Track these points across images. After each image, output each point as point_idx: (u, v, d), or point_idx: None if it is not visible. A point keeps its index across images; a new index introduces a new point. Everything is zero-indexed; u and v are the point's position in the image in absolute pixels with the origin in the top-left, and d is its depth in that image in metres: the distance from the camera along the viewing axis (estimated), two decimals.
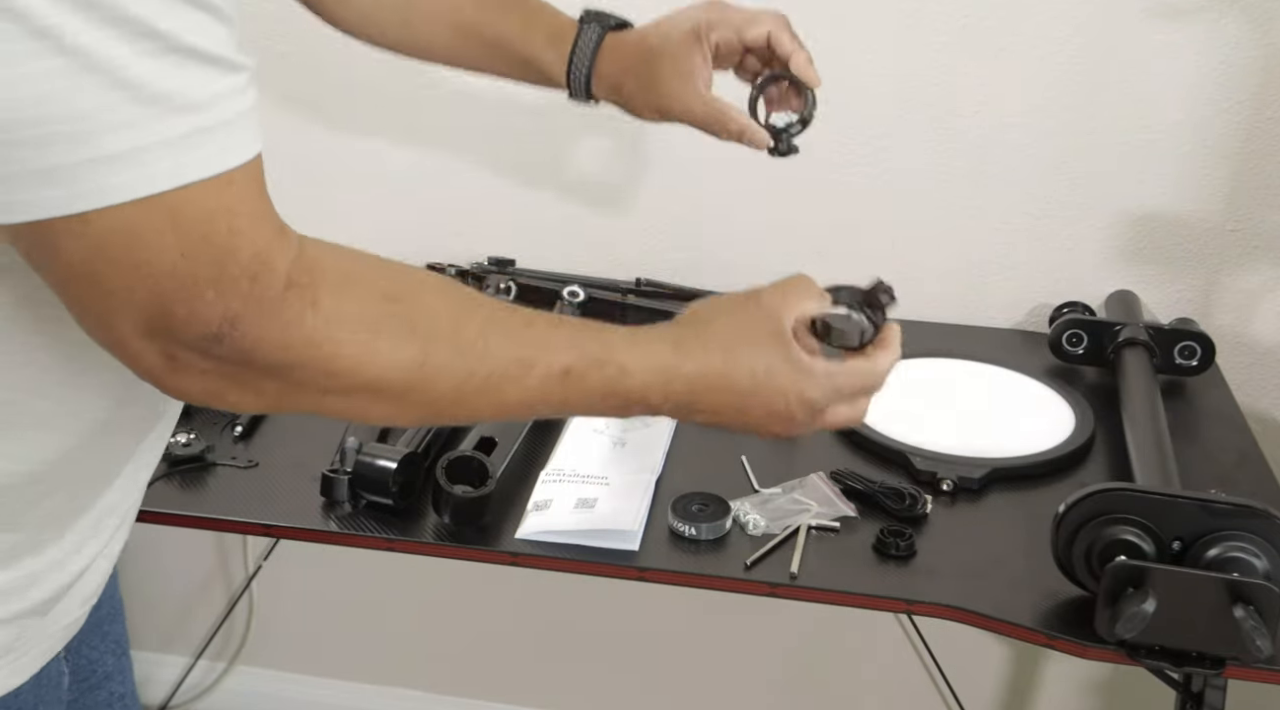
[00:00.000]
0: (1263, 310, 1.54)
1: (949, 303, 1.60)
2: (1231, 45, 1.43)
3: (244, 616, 2.00)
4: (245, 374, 0.66)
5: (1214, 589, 0.95)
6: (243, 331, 0.64)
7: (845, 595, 1.08)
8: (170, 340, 0.64)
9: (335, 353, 0.67)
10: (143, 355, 0.65)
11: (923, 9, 1.47)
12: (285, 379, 0.67)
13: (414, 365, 0.70)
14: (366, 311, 0.69)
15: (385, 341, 0.69)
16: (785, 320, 0.83)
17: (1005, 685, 1.82)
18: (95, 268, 0.61)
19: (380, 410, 0.72)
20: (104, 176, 0.58)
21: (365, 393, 0.70)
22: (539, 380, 0.75)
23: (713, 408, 0.82)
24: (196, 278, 0.62)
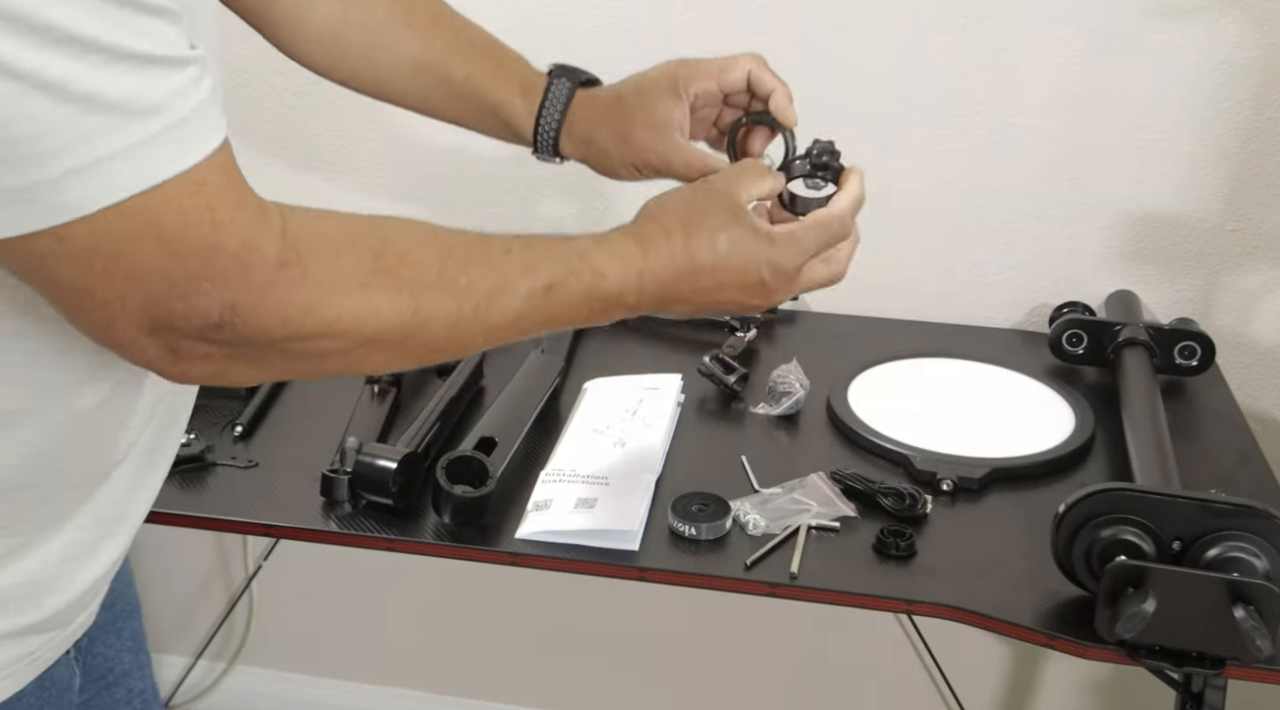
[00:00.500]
0: (1263, 310, 1.54)
1: (949, 303, 1.60)
2: (1231, 45, 1.43)
3: (244, 616, 2.00)
4: (248, 352, 0.68)
5: (1214, 589, 0.95)
6: (243, 317, 0.66)
7: (845, 595, 1.08)
8: (173, 334, 0.65)
9: (336, 315, 0.69)
10: (146, 350, 0.66)
11: (923, 9, 1.47)
12: (288, 350, 0.69)
13: (409, 313, 0.72)
14: (357, 271, 0.71)
15: (379, 296, 0.71)
16: (739, 196, 0.85)
17: (1005, 685, 1.82)
18: (83, 281, 0.62)
19: (380, 359, 0.75)
20: (70, 190, 0.59)
21: (365, 346, 0.72)
22: (524, 300, 0.78)
23: (687, 293, 0.84)
24: (189, 274, 0.63)
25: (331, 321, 0.69)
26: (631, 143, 1.01)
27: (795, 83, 1.54)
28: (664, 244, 0.83)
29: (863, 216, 1.57)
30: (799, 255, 0.86)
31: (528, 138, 1.05)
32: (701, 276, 0.84)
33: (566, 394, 1.34)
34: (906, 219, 1.57)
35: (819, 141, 0.93)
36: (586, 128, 1.03)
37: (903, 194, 1.56)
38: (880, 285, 1.61)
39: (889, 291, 1.61)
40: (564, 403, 1.33)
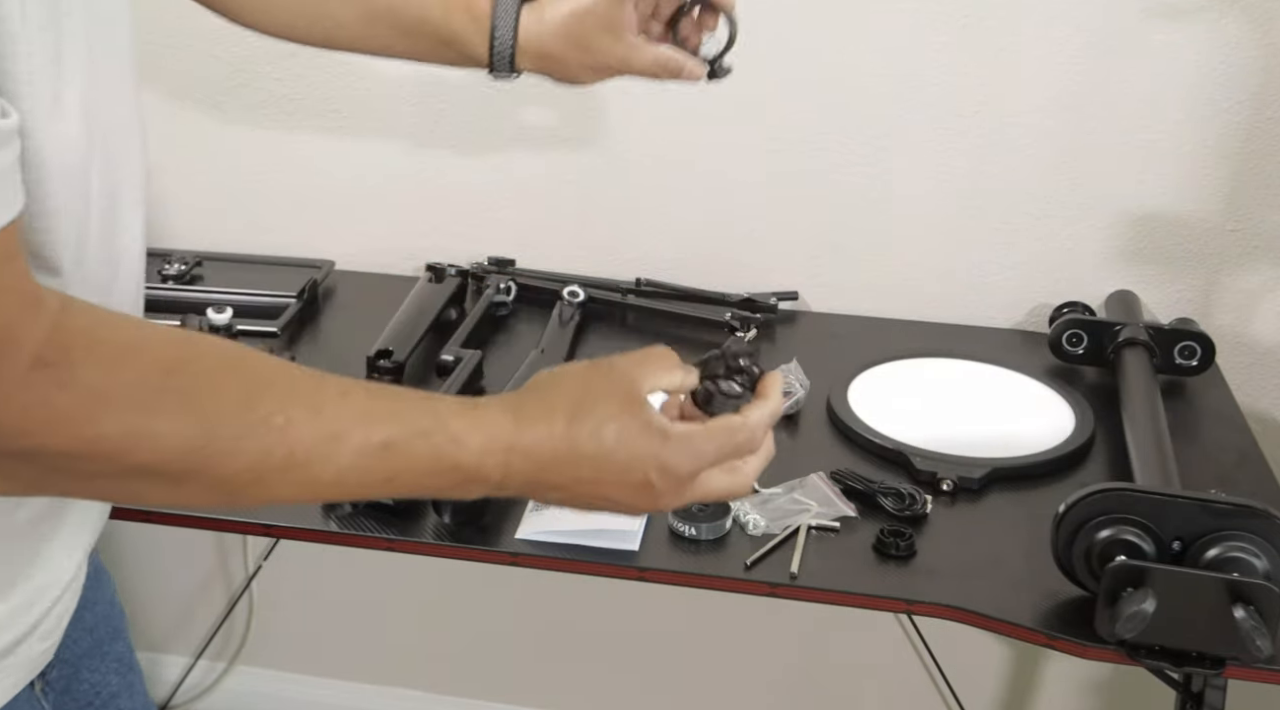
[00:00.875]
0: (1263, 310, 1.54)
1: (949, 303, 1.60)
2: (1231, 45, 1.43)
3: (244, 616, 2.00)
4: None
5: (1214, 589, 0.95)
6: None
7: (845, 595, 1.08)
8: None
9: (96, 434, 0.60)
10: None
11: (923, 9, 1.47)
12: (37, 463, 0.61)
13: (195, 447, 0.63)
14: (138, 388, 0.62)
15: (161, 421, 0.62)
16: (640, 385, 0.75)
17: (1005, 685, 1.82)
18: None
19: (159, 493, 0.65)
20: None
21: (137, 476, 0.63)
22: (354, 456, 0.67)
23: (562, 482, 0.73)
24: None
25: (92, 439, 0.60)
26: (591, 49, 1.03)
27: (795, 83, 1.54)
28: (544, 423, 0.72)
29: (863, 216, 1.58)
30: (694, 460, 0.75)
31: (483, 62, 1.04)
32: (582, 466, 0.73)
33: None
34: (906, 219, 1.57)
35: (734, 343, 0.82)
36: (540, 42, 1.03)
37: (903, 194, 1.56)
38: (880, 285, 1.61)
39: (889, 291, 1.61)
40: None
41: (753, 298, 1.55)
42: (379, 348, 1.33)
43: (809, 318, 1.60)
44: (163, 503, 0.66)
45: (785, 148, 1.57)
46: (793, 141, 1.56)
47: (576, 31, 1.03)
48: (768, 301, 1.56)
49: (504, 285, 1.54)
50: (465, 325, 1.44)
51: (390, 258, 1.66)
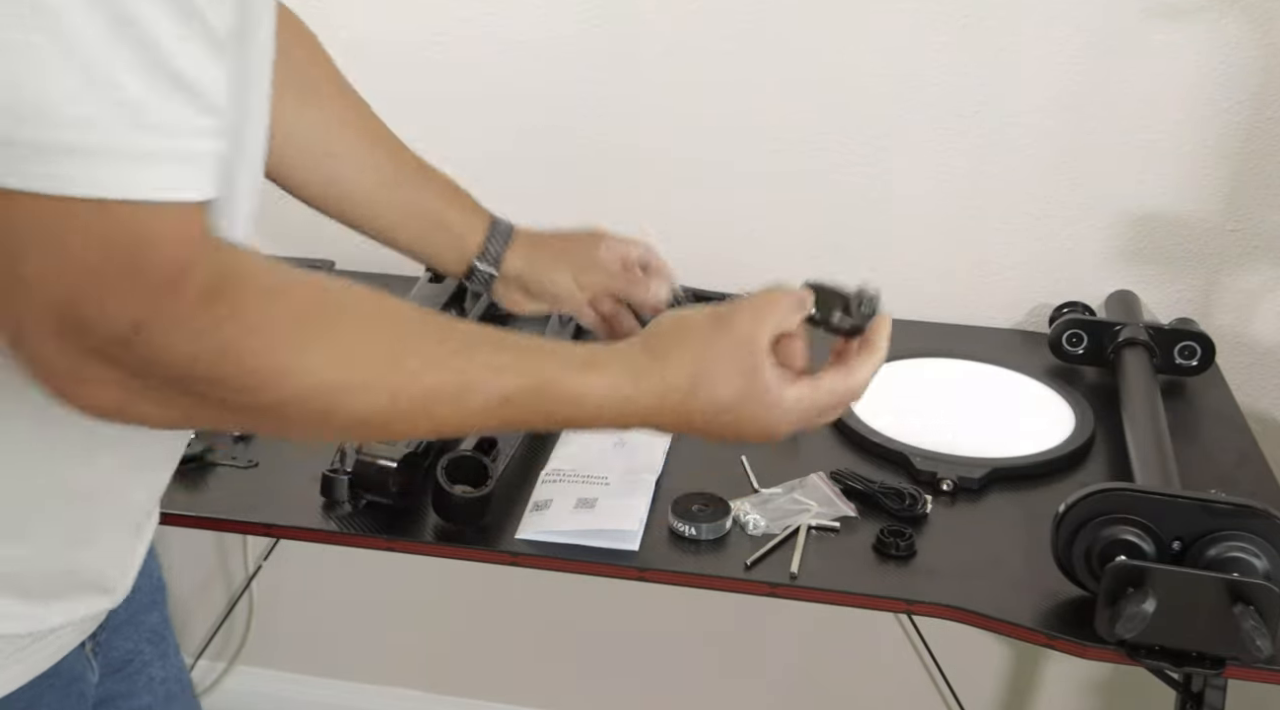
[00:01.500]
0: (1263, 310, 1.54)
1: (949, 303, 1.60)
2: (1231, 45, 1.43)
3: (244, 616, 2.00)
4: (154, 386, 0.64)
5: (1214, 589, 0.95)
6: (150, 338, 0.62)
7: (845, 595, 1.08)
8: (78, 343, 0.62)
9: (255, 365, 0.65)
10: (48, 359, 0.63)
11: (922, 9, 1.48)
12: (195, 392, 0.65)
13: (337, 385, 0.68)
14: (293, 324, 0.67)
15: (311, 356, 0.67)
16: (759, 344, 0.81)
17: (1005, 685, 1.82)
18: (17, 250, 0.60)
19: (298, 424, 0.70)
20: (51, 163, 0.58)
21: (283, 408, 0.67)
22: (477, 406, 0.73)
23: (674, 429, 0.83)
24: (111, 280, 0.61)
25: (251, 370, 0.65)
26: (586, 276, 1.15)
27: (795, 83, 1.54)
28: (661, 389, 0.80)
29: (863, 216, 1.58)
30: (802, 419, 0.84)
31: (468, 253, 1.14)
32: (694, 421, 0.82)
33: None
34: (906, 219, 1.57)
35: (864, 292, 0.92)
36: (533, 269, 1.15)
37: (903, 194, 1.56)
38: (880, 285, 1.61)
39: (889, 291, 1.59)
40: None
41: None
42: None
43: None
44: (296, 436, 0.72)
45: (785, 148, 1.57)
46: (793, 141, 1.56)
47: (577, 258, 1.17)
48: None
49: None
50: None
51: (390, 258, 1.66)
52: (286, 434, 0.72)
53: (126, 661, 0.97)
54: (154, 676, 1.00)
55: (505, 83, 1.50)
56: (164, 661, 1.02)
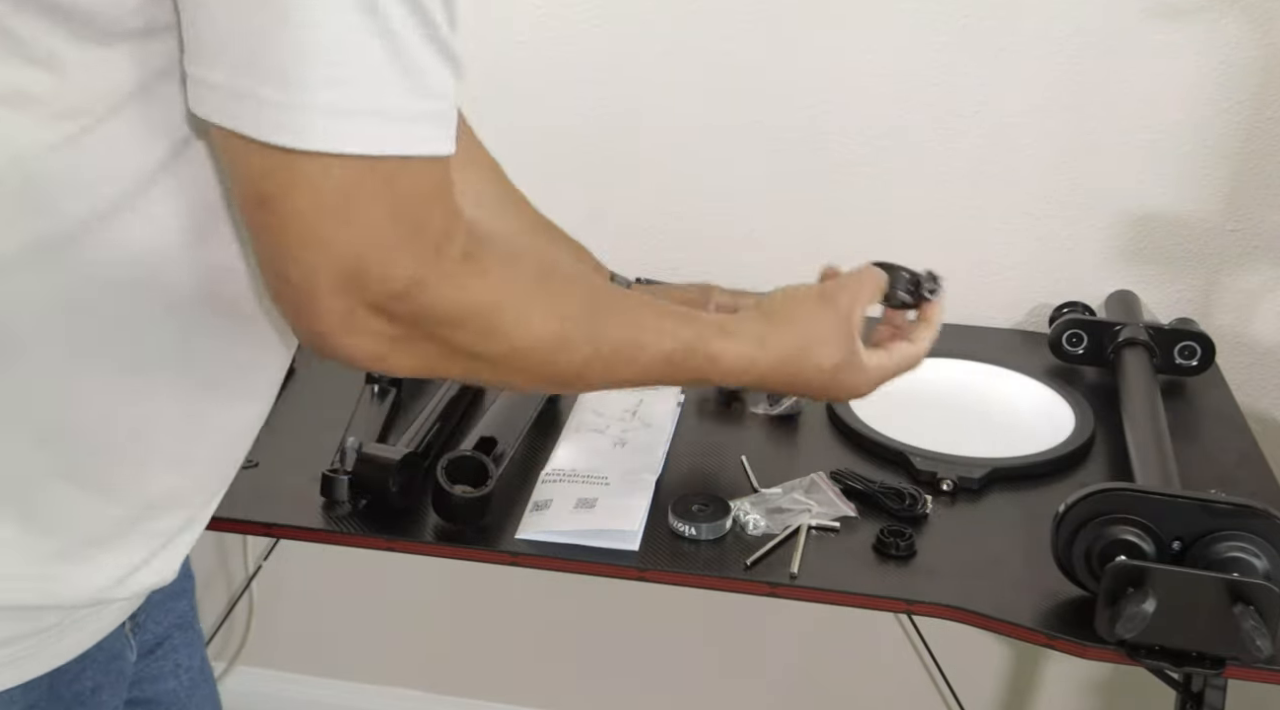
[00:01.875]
0: (1263, 310, 1.54)
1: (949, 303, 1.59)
2: (1231, 45, 1.43)
3: (244, 616, 2.00)
4: (414, 337, 0.71)
5: (1214, 589, 0.95)
6: (424, 294, 0.70)
7: (845, 595, 1.08)
8: (359, 297, 0.68)
9: (498, 318, 0.74)
10: (326, 312, 0.68)
11: (923, 9, 1.48)
12: (445, 342, 0.73)
13: (554, 338, 0.78)
14: (523, 285, 0.76)
15: (537, 313, 0.76)
16: (855, 319, 0.99)
17: (1005, 685, 1.83)
18: (313, 216, 0.65)
19: (519, 370, 0.78)
20: (347, 124, 0.63)
21: (513, 358, 0.77)
22: (646, 363, 0.85)
23: (782, 386, 0.97)
24: (397, 240, 0.68)
25: (493, 323, 0.74)
26: None
27: (795, 83, 1.54)
28: (782, 353, 0.95)
29: (863, 216, 1.58)
30: (880, 379, 1.02)
31: None
32: (797, 383, 0.97)
33: (566, 394, 1.34)
34: (906, 219, 1.57)
35: (930, 272, 1.12)
36: None
37: (903, 194, 1.56)
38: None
39: None
40: (564, 403, 1.33)
41: None
42: None
43: None
44: (516, 380, 0.80)
45: (785, 148, 1.57)
46: (793, 141, 1.56)
47: None
48: None
49: None
50: None
51: None
52: (508, 379, 0.80)
53: (157, 645, 0.99)
54: (180, 663, 1.02)
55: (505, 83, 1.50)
56: (191, 649, 1.04)
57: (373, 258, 0.67)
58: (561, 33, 1.55)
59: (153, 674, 0.99)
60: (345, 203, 0.65)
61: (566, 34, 1.55)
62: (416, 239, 0.68)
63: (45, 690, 0.80)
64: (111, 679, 0.87)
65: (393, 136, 0.65)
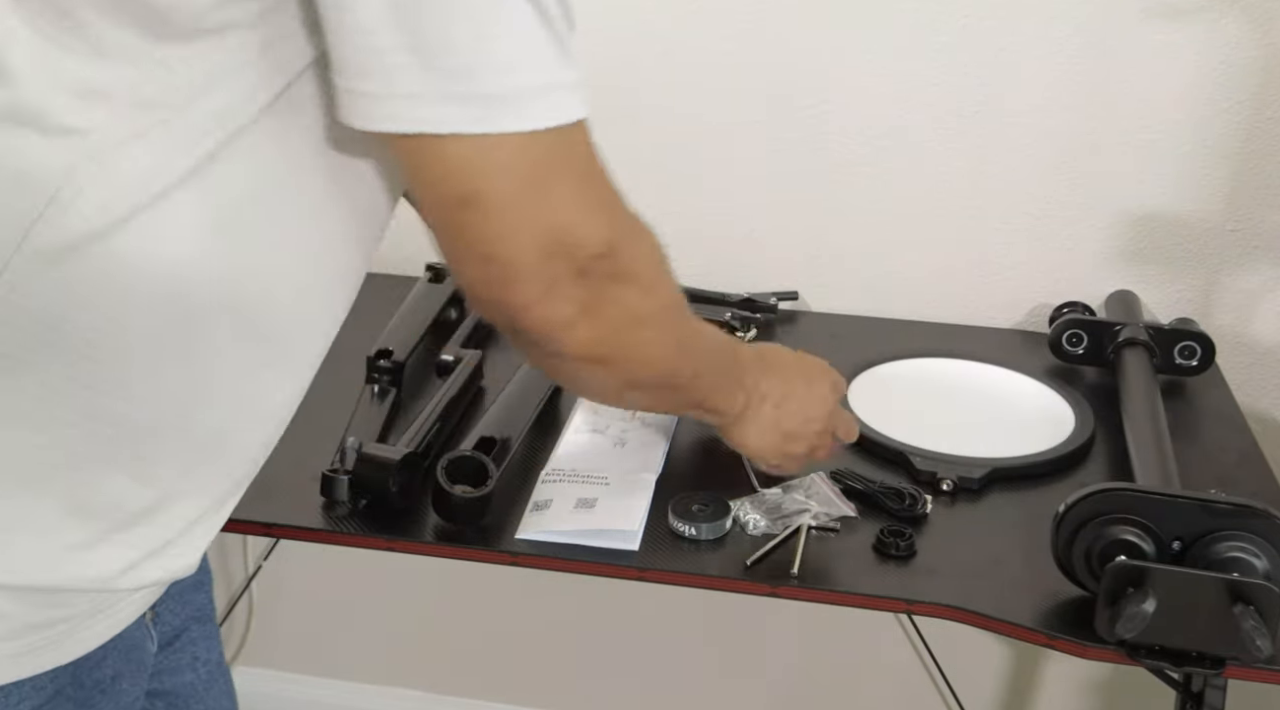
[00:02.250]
0: (1263, 310, 1.54)
1: (949, 303, 1.60)
2: (1231, 45, 1.43)
3: (244, 616, 2.00)
4: (605, 296, 0.76)
5: (1214, 589, 0.95)
6: (616, 249, 0.76)
7: (845, 595, 1.08)
8: (565, 263, 0.73)
9: (657, 272, 0.82)
10: (532, 283, 0.72)
11: (923, 9, 1.48)
12: (620, 303, 0.78)
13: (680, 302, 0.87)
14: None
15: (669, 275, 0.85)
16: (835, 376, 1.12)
17: (1005, 685, 1.82)
18: (515, 192, 0.69)
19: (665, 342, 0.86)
20: (536, 103, 0.68)
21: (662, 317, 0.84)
22: (703, 360, 0.94)
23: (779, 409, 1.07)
24: (588, 203, 0.74)
25: (655, 277, 0.82)
26: None
27: (795, 83, 1.54)
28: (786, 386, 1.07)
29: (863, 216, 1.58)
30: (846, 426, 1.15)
31: None
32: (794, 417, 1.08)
33: (566, 394, 1.34)
34: (906, 219, 1.57)
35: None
36: None
37: (903, 194, 1.56)
38: (880, 285, 1.61)
39: (889, 291, 1.61)
40: (564, 403, 1.33)
41: (753, 298, 1.55)
42: (379, 348, 1.33)
43: (809, 318, 1.60)
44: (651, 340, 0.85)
45: (785, 148, 1.57)
46: (793, 141, 1.56)
47: None
48: (768, 301, 1.56)
49: None
50: (465, 325, 1.44)
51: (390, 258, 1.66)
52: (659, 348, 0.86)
53: (175, 636, 1.00)
54: (198, 656, 1.04)
55: None
56: (208, 642, 1.06)
57: (574, 222, 0.72)
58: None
59: (171, 666, 1.00)
60: (544, 176, 0.70)
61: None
62: (601, 199, 0.75)
63: (69, 677, 0.81)
64: (132, 668, 0.88)
65: (567, 105, 0.69)
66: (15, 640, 0.77)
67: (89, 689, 0.83)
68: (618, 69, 1.57)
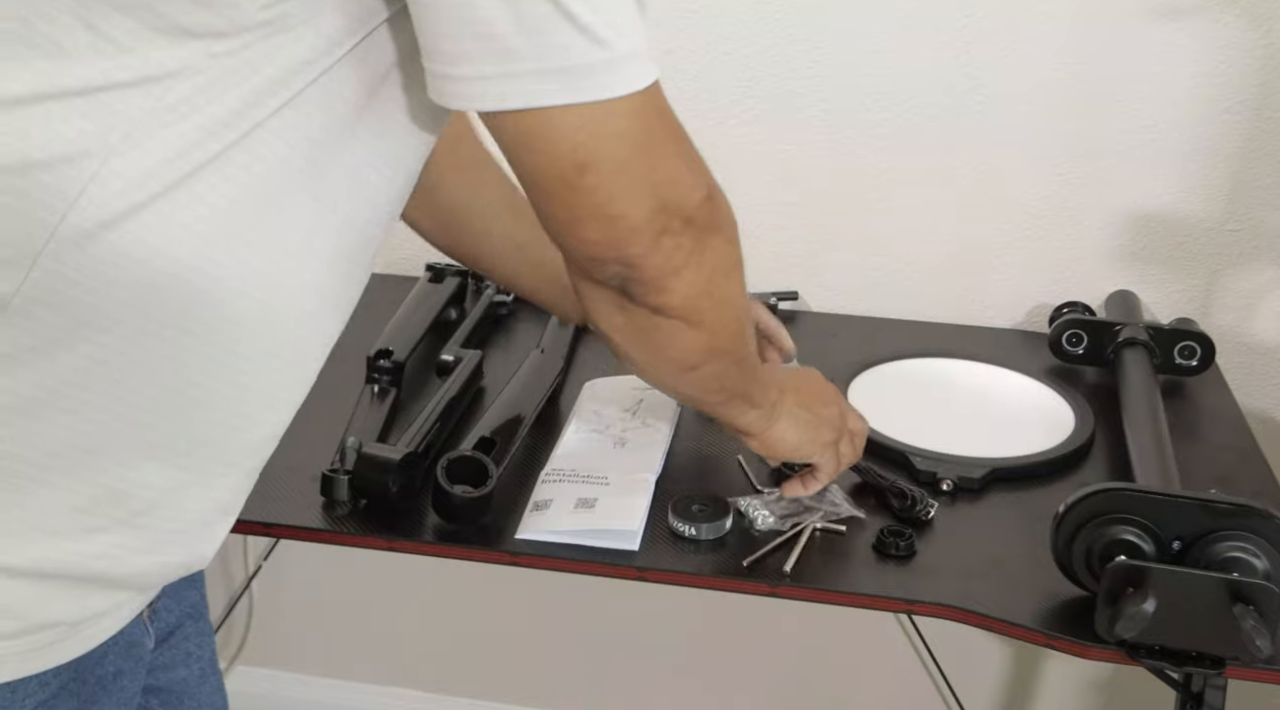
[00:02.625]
0: (1263, 310, 1.54)
1: (949, 303, 1.60)
2: (1231, 45, 1.43)
3: (244, 616, 2.00)
4: (705, 243, 0.81)
5: (1214, 589, 0.95)
6: (714, 193, 0.82)
7: (845, 595, 1.08)
8: (676, 214, 0.78)
9: (736, 230, 0.86)
10: (645, 235, 0.77)
11: (923, 9, 1.48)
12: (717, 252, 0.83)
13: (741, 275, 0.88)
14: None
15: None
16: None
17: (1005, 685, 1.83)
18: (627, 156, 0.74)
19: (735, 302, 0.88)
20: (638, 64, 0.72)
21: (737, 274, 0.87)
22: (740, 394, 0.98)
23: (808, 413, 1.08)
24: (690, 153, 0.80)
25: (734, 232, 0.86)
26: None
27: (795, 83, 1.54)
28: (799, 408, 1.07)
29: (863, 216, 1.58)
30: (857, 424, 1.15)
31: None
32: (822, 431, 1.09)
33: (566, 394, 1.34)
34: (906, 219, 1.57)
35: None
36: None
37: (903, 194, 1.56)
38: (880, 285, 1.61)
39: (889, 291, 1.61)
40: (564, 403, 1.33)
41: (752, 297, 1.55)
42: (379, 348, 1.33)
43: (809, 318, 1.60)
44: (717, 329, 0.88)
45: (785, 148, 1.57)
46: (793, 141, 1.56)
47: None
48: (768, 301, 1.55)
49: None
50: (465, 325, 1.44)
51: (390, 258, 1.66)
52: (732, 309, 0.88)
53: (170, 633, 1.01)
54: (191, 652, 1.05)
55: None
56: (201, 639, 1.07)
57: (680, 175, 0.77)
58: None
59: (165, 662, 1.00)
60: (648, 136, 0.74)
61: None
62: (693, 152, 0.80)
63: (73, 674, 0.82)
64: (131, 665, 0.88)
65: (653, 67, 0.73)
66: (25, 637, 0.78)
67: (91, 685, 0.84)
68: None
